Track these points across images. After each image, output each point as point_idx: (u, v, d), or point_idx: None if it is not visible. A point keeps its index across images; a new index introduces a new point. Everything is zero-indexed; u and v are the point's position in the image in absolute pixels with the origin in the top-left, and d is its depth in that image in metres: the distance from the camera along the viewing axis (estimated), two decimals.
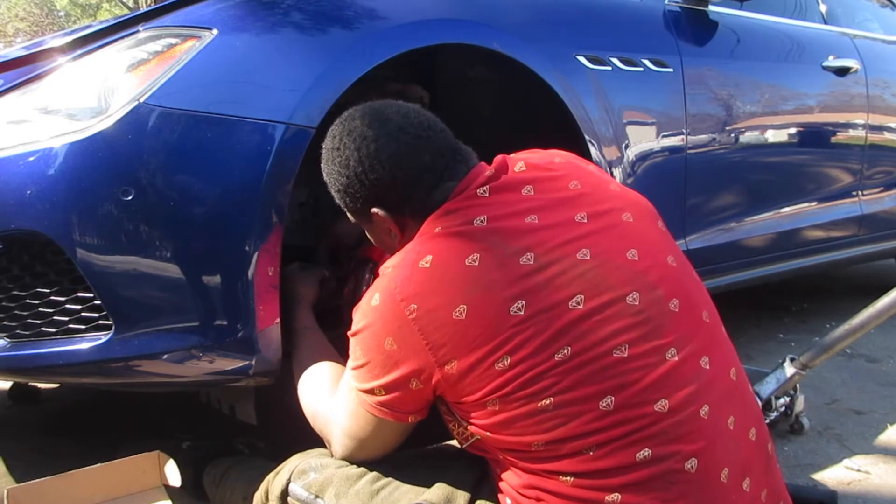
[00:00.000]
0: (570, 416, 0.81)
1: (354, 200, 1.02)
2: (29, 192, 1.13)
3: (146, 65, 1.17)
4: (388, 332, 0.87)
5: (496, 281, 0.84)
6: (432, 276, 0.87)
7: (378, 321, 0.89)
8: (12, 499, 1.15)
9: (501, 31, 1.47)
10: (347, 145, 0.99)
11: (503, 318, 0.83)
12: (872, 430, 1.75)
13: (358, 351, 0.92)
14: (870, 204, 2.55)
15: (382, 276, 0.91)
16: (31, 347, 1.20)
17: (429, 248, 0.90)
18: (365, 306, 0.91)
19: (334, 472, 1.01)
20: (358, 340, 0.92)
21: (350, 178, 1.00)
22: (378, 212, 1.00)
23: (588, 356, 0.82)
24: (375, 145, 0.97)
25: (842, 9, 2.64)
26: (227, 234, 1.16)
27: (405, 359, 0.87)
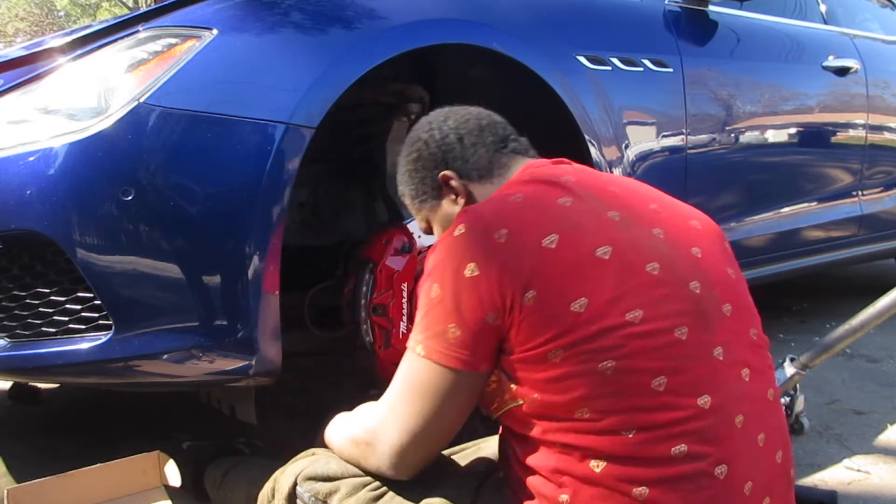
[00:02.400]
0: (624, 387, 0.79)
1: (425, 172, 1.07)
2: (29, 192, 1.13)
3: (146, 65, 1.17)
4: (471, 257, 0.84)
5: (586, 223, 0.86)
6: (524, 206, 0.88)
7: (461, 248, 0.85)
8: (12, 499, 1.15)
9: (501, 31, 1.48)
10: (421, 126, 1.10)
11: (589, 256, 0.83)
12: (872, 430, 1.75)
13: (434, 287, 0.86)
14: (870, 204, 2.55)
15: (463, 214, 0.90)
16: (31, 347, 1.20)
17: (517, 190, 0.91)
18: (445, 240, 0.88)
19: (341, 482, 1.00)
20: (433, 275, 0.87)
21: (421, 151, 1.07)
22: (448, 173, 1.04)
23: (654, 327, 0.81)
24: (445, 119, 1.09)
25: (842, 9, 2.64)
26: (227, 234, 1.16)
27: (487, 286, 0.83)
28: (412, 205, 1.12)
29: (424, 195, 1.08)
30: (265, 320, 1.19)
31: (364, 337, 1.43)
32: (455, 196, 1.05)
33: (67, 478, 1.20)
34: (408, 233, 1.44)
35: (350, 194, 1.74)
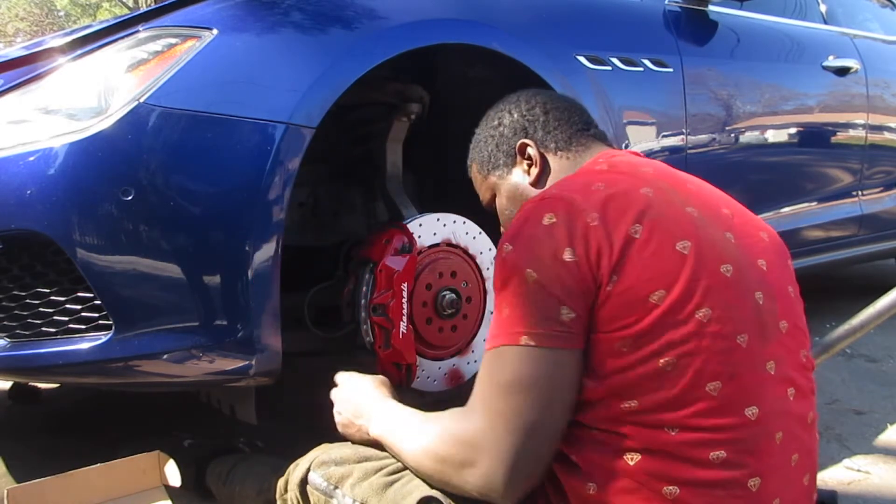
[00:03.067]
0: (678, 385, 0.78)
1: (503, 138, 1.08)
2: (29, 192, 1.13)
3: (146, 65, 1.17)
4: (569, 241, 0.81)
5: (668, 214, 0.84)
6: (611, 194, 0.85)
7: (557, 233, 0.82)
8: (12, 499, 1.15)
9: (501, 31, 1.48)
10: (509, 98, 1.12)
11: (670, 249, 0.82)
12: (872, 430, 1.75)
13: (530, 274, 0.81)
14: (870, 204, 2.55)
15: (551, 200, 0.85)
16: (31, 347, 1.20)
17: (599, 178, 0.89)
18: (531, 228, 0.84)
19: (354, 466, 0.99)
20: (524, 262, 0.82)
21: (503, 118, 1.09)
22: (527, 141, 1.05)
23: (720, 330, 0.80)
24: (535, 94, 1.11)
25: (842, 9, 2.64)
26: (227, 233, 1.16)
27: (588, 268, 0.81)
28: (479, 173, 1.12)
29: (497, 161, 1.09)
30: (265, 320, 1.19)
31: (364, 337, 1.43)
32: (529, 165, 1.05)
33: (67, 478, 1.20)
34: (408, 233, 1.44)
35: (350, 194, 1.73)
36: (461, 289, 1.52)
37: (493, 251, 1.57)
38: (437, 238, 1.50)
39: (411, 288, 1.43)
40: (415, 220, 1.48)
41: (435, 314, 1.49)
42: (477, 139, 1.14)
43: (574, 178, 0.93)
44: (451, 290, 1.50)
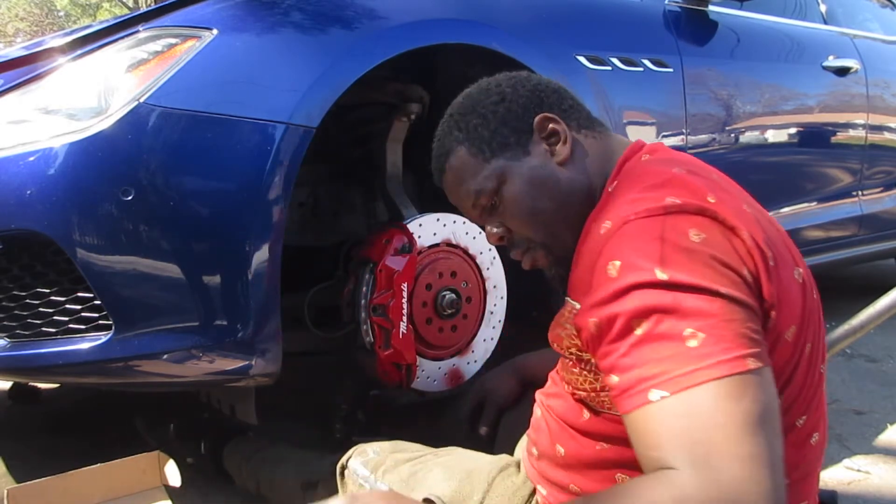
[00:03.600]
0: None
1: (511, 115, 0.88)
2: (29, 192, 1.13)
3: (146, 65, 1.17)
4: (733, 260, 0.69)
5: (773, 237, 0.76)
6: (734, 209, 0.73)
7: (719, 249, 0.69)
8: (12, 499, 1.15)
9: (501, 31, 1.48)
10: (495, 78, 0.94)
11: (792, 279, 0.74)
12: (872, 430, 1.75)
13: (719, 292, 0.67)
14: (870, 204, 2.55)
15: (680, 214, 0.70)
16: (31, 347, 1.20)
17: (694, 184, 0.75)
18: (686, 244, 0.68)
19: (388, 456, 1.08)
20: (705, 281, 0.67)
21: (506, 94, 0.90)
22: (549, 115, 0.88)
23: (811, 364, 0.77)
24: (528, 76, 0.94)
25: (842, 9, 2.64)
26: (227, 233, 1.16)
27: (753, 291, 0.69)
28: (472, 157, 0.89)
29: (504, 140, 0.88)
30: (265, 320, 1.19)
31: (364, 337, 1.43)
32: (555, 144, 0.88)
33: (67, 478, 1.20)
34: (408, 233, 1.44)
35: (350, 194, 1.73)
36: (461, 289, 1.52)
37: (492, 251, 1.57)
38: (437, 238, 1.50)
39: (411, 288, 1.43)
40: (415, 220, 1.48)
41: (435, 314, 1.49)
42: (462, 121, 0.92)
43: (659, 177, 0.77)
44: (451, 291, 1.50)
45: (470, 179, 0.90)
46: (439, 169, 0.94)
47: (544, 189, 0.87)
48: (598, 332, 0.70)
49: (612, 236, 0.72)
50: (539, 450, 0.93)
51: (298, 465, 1.24)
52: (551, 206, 0.87)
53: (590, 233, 0.79)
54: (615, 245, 0.71)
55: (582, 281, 0.77)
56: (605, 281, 0.70)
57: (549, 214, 0.87)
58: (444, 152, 0.93)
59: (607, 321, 0.69)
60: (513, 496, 0.95)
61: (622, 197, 0.77)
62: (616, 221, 0.73)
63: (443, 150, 0.93)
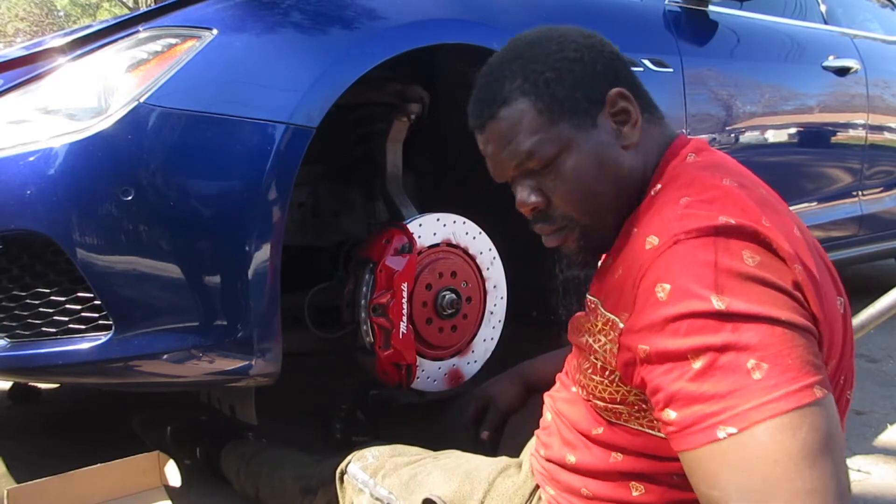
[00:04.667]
0: None
1: (586, 81, 0.80)
2: (29, 192, 1.13)
3: (146, 65, 1.17)
4: (787, 289, 0.65)
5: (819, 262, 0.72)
6: (787, 235, 0.69)
7: (775, 276, 0.65)
8: (12, 499, 1.15)
9: (501, 31, 1.47)
10: (567, 32, 0.85)
11: (836, 311, 0.72)
12: (872, 430, 1.74)
13: (776, 317, 0.63)
14: (870, 204, 2.55)
15: (731, 238, 0.66)
16: (31, 347, 1.20)
17: (746, 199, 0.71)
18: (741, 268, 0.64)
19: (387, 460, 1.08)
20: (764, 306, 0.63)
21: (583, 54, 0.81)
22: (623, 91, 0.81)
23: (841, 393, 0.76)
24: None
25: (842, 9, 2.64)
26: (227, 233, 1.16)
27: (808, 305, 0.66)
28: (542, 114, 0.79)
29: (577, 106, 0.79)
30: (265, 320, 1.19)
31: (364, 337, 1.43)
32: (622, 124, 0.81)
33: (67, 478, 1.20)
34: (408, 233, 1.44)
35: (350, 194, 1.73)
36: (461, 289, 1.52)
37: (493, 251, 1.57)
38: (437, 238, 1.50)
39: (411, 288, 1.43)
40: (415, 220, 1.48)
41: (435, 314, 1.49)
42: (531, 69, 0.80)
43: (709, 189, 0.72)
44: (451, 291, 1.50)
45: (526, 137, 0.80)
46: (488, 115, 0.82)
47: (606, 170, 0.80)
48: (648, 359, 0.67)
49: (659, 255, 0.68)
50: (548, 453, 0.92)
51: (297, 468, 1.24)
52: (608, 191, 0.80)
53: (631, 240, 0.75)
54: (664, 266, 0.67)
55: (618, 292, 0.74)
56: (653, 304, 0.67)
57: (603, 198, 0.80)
58: (500, 99, 0.81)
59: (662, 351, 0.65)
60: (513, 496, 0.95)
61: (668, 207, 0.72)
62: (664, 238, 0.69)
63: (498, 95, 0.81)
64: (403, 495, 1.00)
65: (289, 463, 1.27)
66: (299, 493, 1.19)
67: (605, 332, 0.77)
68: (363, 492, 1.06)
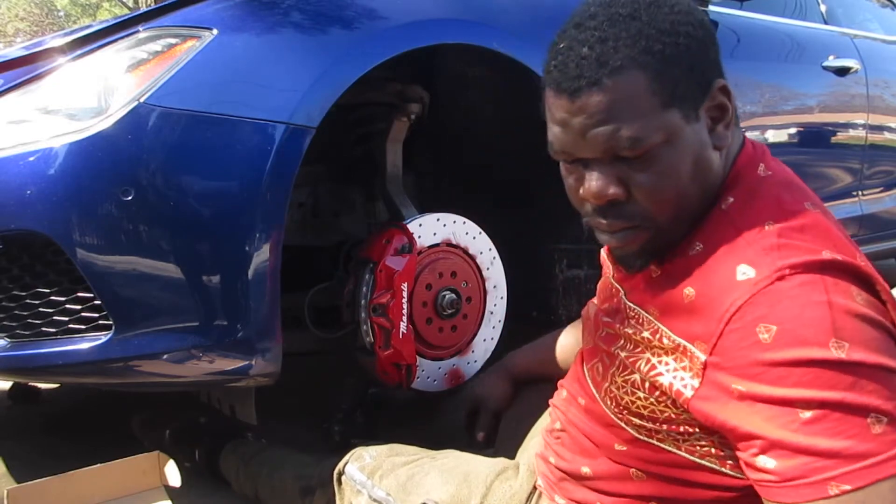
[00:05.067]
0: None
1: (697, 64, 0.70)
2: (29, 192, 1.13)
3: (146, 65, 1.17)
4: (887, 314, 0.62)
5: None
6: (867, 265, 0.66)
7: (882, 318, 0.62)
8: (12, 499, 1.15)
9: (501, 31, 1.47)
10: (682, 4, 0.71)
11: None
12: None
13: (891, 365, 0.60)
14: (870, 204, 2.55)
15: (836, 275, 0.62)
16: (31, 347, 1.20)
17: (826, 227, 0.67)
18: (858, 310, 0.60)
19: (385, 460, 1.07)
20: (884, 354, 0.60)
21: (695, 32, 0.69)
22: (727, 84, 0.73)
23: None
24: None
25: (842, 9, 2.64)
26: (227, 233, 1.16)
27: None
28: (657, 95, 0.67)
29: (688, 92, 0.69)
30: (265, 320, 1.19)
31: (364, 337, 1.43)
32: (717, 122, 0.73)
33: (67, 478, 1.20)
34: (408, 233, 1.44)
35: (350, 194, 1.73)
36: (461, 289, 1.52)
37: (493, 251, 1.57)
38: (437, 238, 1.50)
39: (411, 288, 1.43)
40: (415, 220, 1.48)
41: (435, 314, 1.49)
42: (656, 38, 0.67)
43: (796, 215, 0.67)
44: (451, 291, 1.50)
45: (631, 119, 0.67)
46: (589, 79, 0.67)
47: (700, 171, 0.71)
48: (743, 398, 0.62)
49: (759, 291, 0.62)
50: (559, 462, 0.91)
51: (297, 469, 1.24)
52: (696, 193, 0.72)
53: (706, 261, 0.69)
54: (765, 303, 0.61)
55: (693, 318, 0.67)
56: (753, 345, 0.61)
57: (689, 201, 0.72)
58: (610, 65, 0.67)
59: (765, 397, 0.61)
60: (511, 499, 0.95)
61: (754, 231, 0.66)
62: (764, 272, 0.63)
63: (608, 59, 0.67)
64: (401, 497, 1.00)
65: (288, 463, 1.27)
66: (299, 494, 1.19)
67: (677, 359, 0.69)
68: (361, 493, 1.06)
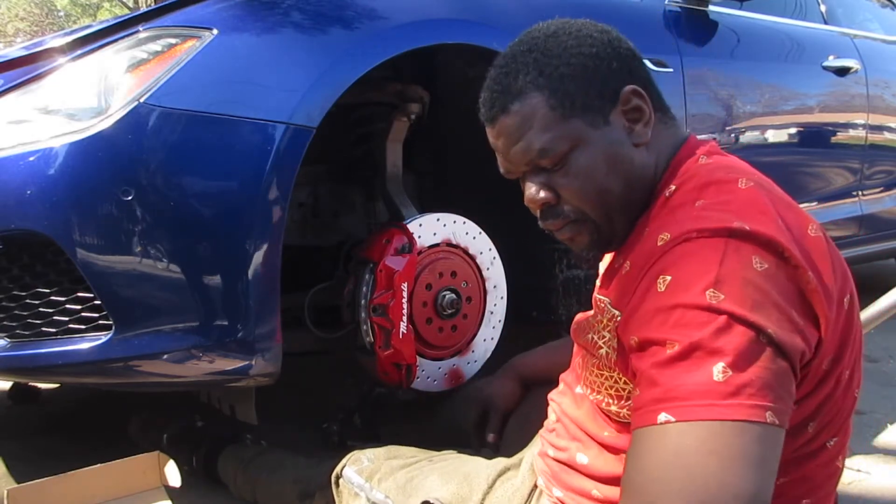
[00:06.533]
0: (818, 450, 0.74)
1: (601, 76, 0.79)
2: (29, 192, 1.13)
3: (146, 65, 1.17)
4: (792, 302, 0.65)
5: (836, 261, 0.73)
6: (799, 237, 0.70)
7: (781, 287, 0.64)
8: (12, 499, 1.15)
9: (501, 31, 1.47)
10: (583, 26, 0.84)
11: (842, 311, 0.71)
12: (872, 430, 1.74)
13: (767, 333, 0.62)
14: (870, 204, 2.55)
15: (743, 240, 0.65)
16: (31, 347, 1.20)
17: (762, 200, 0.71)
18: (746, 273, 0.64)
19: (383, 462, 1.07)
20: (760, 315, 0.62)
21: (600, 49, 0.80)
22: (637, 88, 0.80)
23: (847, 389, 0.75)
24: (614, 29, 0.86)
25: (842, 9, 2.64)
26: (227, 233, 1.16)
27: (801, 339, 0.65)
28: (555, 110, 0.78)
29: (589, 102, 0.79)
30: (265, 320, 1.19)
31: (364, 337, 1.43)
32: (635, 122, 0.80)
33: (67, 478, 1.20)
34: (408, 233, 1.44)
35: (350, 194, 1.73)
36: (461, 289, 1.52)
37: (493, 251, 1.57)
38: (437, 238, 1.50)
39: (411, 288, 1.43)
40: (415, 220, 1.48)
41: (435, 314, 1.49)
42: (546, 63, 0.79)
43: (725, 192, 0.72)
44: (451, 290, 1.50)
45: (537, 134, 0.79)
46: (499, 108, 0.81)
47: (618, 168, 0.80)
48: (639, 346, 0.68)
49: (668, 250, 0.68)
50: (556, 454, 0.91)
51: (294, 472, 1.23)
52: (619, 188, 0.80)
53: (642, 239, 0.75)
54: (669, 260, 0.67)
55: (626, 289, 0.74)
56: (652, 295, 0.67)
57: (614, 195, 0.80)
58: (513, 92, 0.80)
59: (648, 339, 0.66)
60: (512, 497, 0.95)
61: (684, 208, 0.73)
62: (675, 235, 0.69)
63: (511, 88, 0.80)
64: (400, 500, 1.00)
65: (286, 467, 1.27)
66: (297, 498, 1.18)
67: (609, 329, 0.77)
68: (359, 496, 1.06)
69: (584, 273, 1.71)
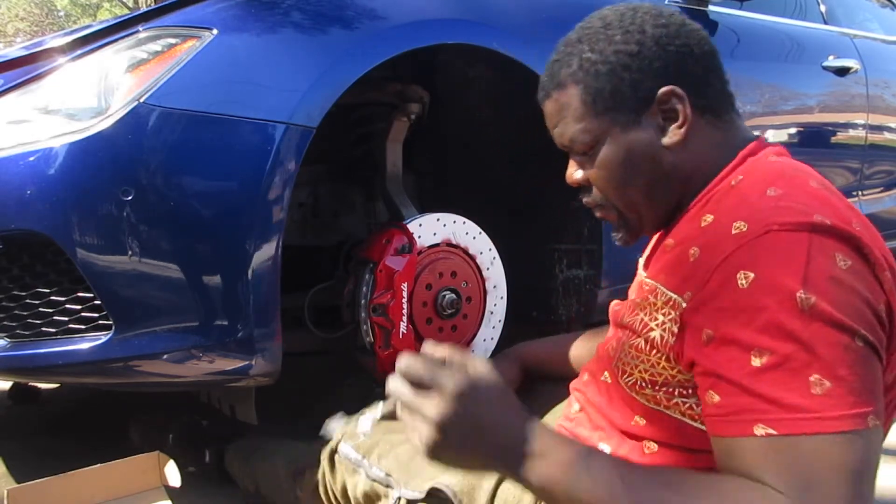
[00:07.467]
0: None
1: (639, 75, 0.79)
2: (29, 192, 1.13)
3: (146, 65, 1.17)
4: (877, 298, 0.65)
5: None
6: (872, 237, 0.68)
7: (866, 285, 0.64)
8: (12, 499, 1.15)
9: (501, 31, 1.47)
10: (638, 11, 0.82)
11: None
12: None
13: (861, 334, 0.62)
14: (870, 204, 2.55)
15: (826, 237, 0.64)
16: (31, 347, 1.20)
17: (837, 205, 0.69)
18: (833, 272, 0.62)
19: (381, 437, 1.02)
20: (853, 315, 0.62)
21: (644, 45, 0.79)
22: (678, 90, 0.78)
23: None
24: (684, 21, 0.83)
25: (842, 9, 2.64)
26: (227, 233, 1.16)
27: (884, 335, 0.65)
28: (586, 104, 0.81)
29: (622, 102, 0.80)
30: (265, 320, 1.19)
31: (364, 337, 1.43)
32: (669, 125, 0.80)
33: (67, 478, 1.20)
34: (408, 233, 1.44)
35: (350, 194, 1.73)
36: (461, 289, 1.52)
37: (493, 251, 1.57)
38: (437, 238, 1.50)
39: (411, 288, 1.43)
40: (415, 220, 1.48)
41: (435, 314, 1.49)
42: (588, 58, 0.81)
43: (799, 187, 0.71)
44: (451, 290, 1.50)
45: (569, 123, 0.83)
46: (545, 92, 0.87)
47: (641, 167, 0.81)
48: (711, 341, 0.66)
49: (746, 243, 0.66)
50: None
51: (288, 454, 1.23)
52: (642, 184, 0.82)
53: (710, 225, 0.73)
54: (751, 254, 0.65)
55: (687, 273, 0.72)
56: (731, 289, 0.65)
57: (636, 190, 0.82)
58: (556, 82, 0.84)
59: (728, 337, 0.64)
60: None
61: (757, 196, 0.71)
62: (755, 226, 0.66)
63: (556, 77, 0.84)
64: (404, 479, 0.96)
65: (282, 451, 1.26)
66: (289, 477, 1.17)
67: (665, 312, 0.75)
68: (357, 472, 1.02)
69: (584, 273, 1.71)
